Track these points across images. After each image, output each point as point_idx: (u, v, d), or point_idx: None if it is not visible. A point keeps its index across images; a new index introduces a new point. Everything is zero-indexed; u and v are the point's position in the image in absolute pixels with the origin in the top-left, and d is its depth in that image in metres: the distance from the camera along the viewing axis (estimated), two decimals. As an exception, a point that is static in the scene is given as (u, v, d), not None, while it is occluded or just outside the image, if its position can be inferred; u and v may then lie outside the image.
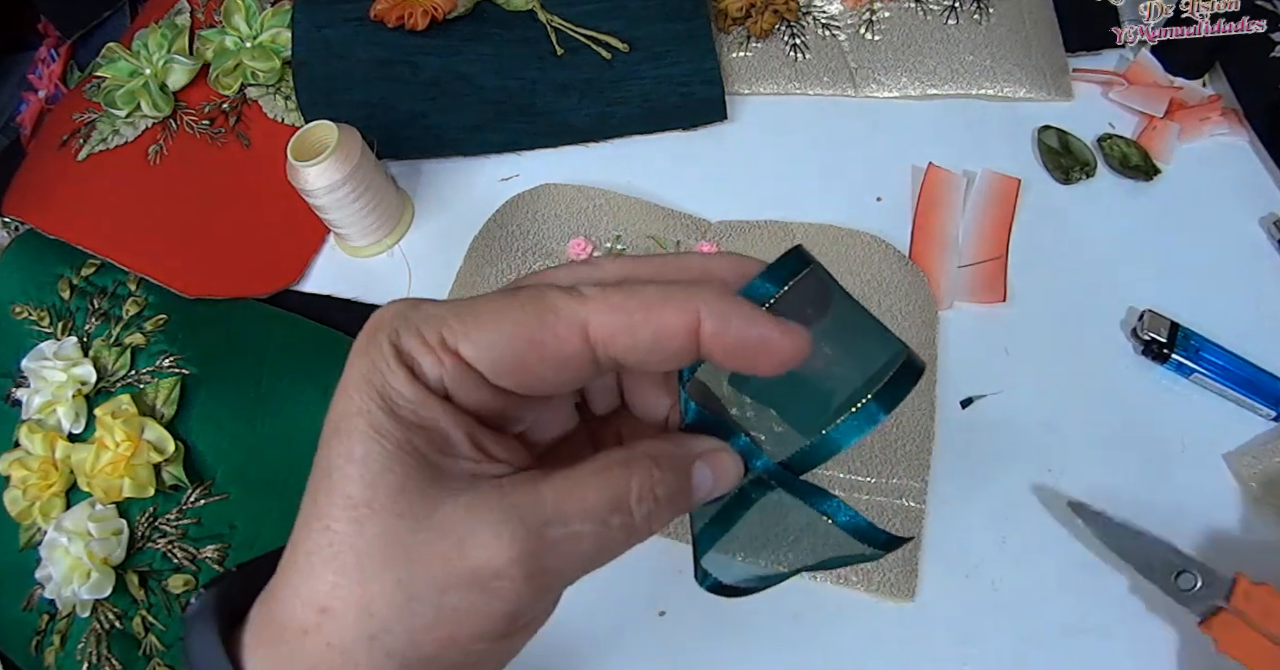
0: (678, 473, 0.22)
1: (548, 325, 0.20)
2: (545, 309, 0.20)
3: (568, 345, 0.20)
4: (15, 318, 0.57)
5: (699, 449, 0.23)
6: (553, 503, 0.20)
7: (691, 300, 0.20)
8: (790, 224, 0.54)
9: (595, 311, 0.20)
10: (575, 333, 0.20)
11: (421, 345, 0.20)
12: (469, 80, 0.61)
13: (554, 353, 0.20)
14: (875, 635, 0.44)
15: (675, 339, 0.20)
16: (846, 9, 0.61)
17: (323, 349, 0.53)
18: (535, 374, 0.21)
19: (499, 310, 0.20)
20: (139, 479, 0.49)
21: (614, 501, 0.21)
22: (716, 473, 0.22)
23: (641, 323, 0.20)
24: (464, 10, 0.62)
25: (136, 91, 0.61)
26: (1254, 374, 0.48)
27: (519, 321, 0.20)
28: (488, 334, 0.20)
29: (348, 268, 0.57)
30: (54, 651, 0.48)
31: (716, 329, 0.20)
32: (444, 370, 0.20)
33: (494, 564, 0.19)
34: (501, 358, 0.20)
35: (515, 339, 0.20)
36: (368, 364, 0.21)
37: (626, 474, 0.21)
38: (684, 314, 0.20)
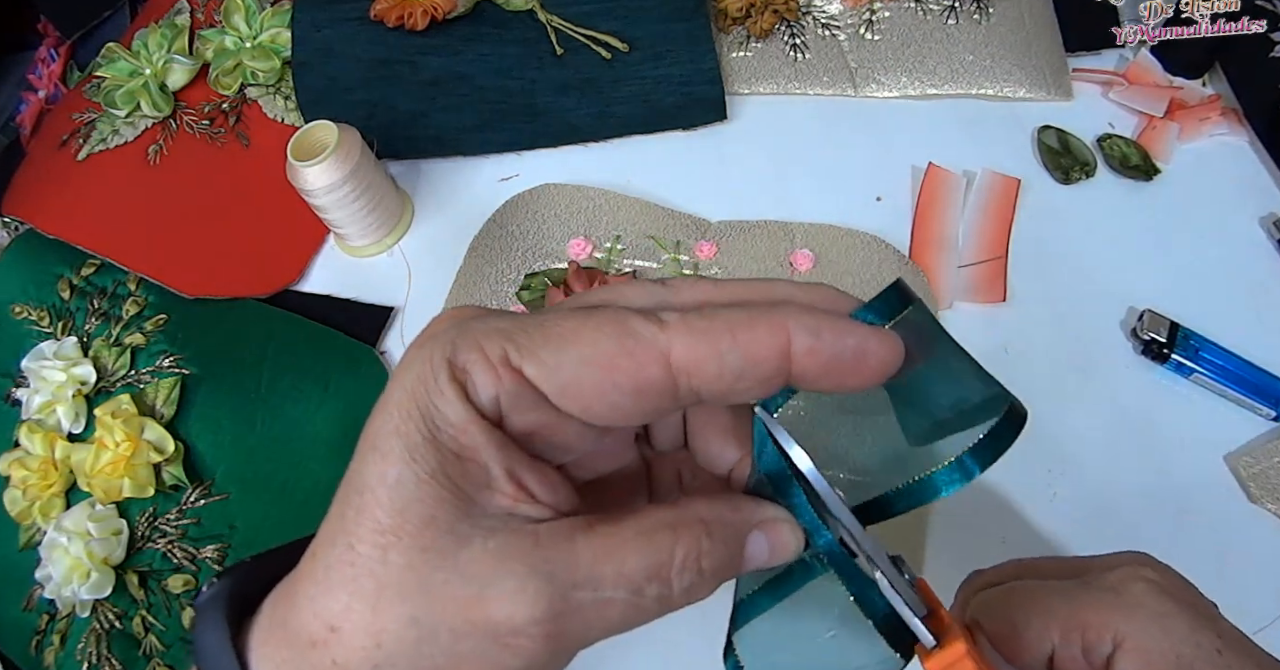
0: (730, 544, 0.20)
1: (627, 350, 0.19)
2: (626, 333, 0.19)
3: (648, 373, 0.19)
4: (15, 318, 0.57)
5: (758, 517, 0.21)
6: (587, 563, 0.19)
7: (781, 319, 0.19)
8: (790, 224, 0.54)
9: (679, 337, 0.19)
10: (657, 360, 0.19)
11: (481, 361, 0.19)
12: (469, 80, 0.61)
13: (632, 380, 0.19)
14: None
15: (766, 362, 0.19)
16: (846, 9, 0.61)
17: (322, 349, 0.53)
18: (608, 402, 0.19)
19: (573, 329, 0.19)
20: (139, 479, 0.49)
21: (653, 570, 0.19)
22: (774, 545, 0.21)
23: (729, 348, 0.19)
24: (464, 10, 0.62)
25: (136, 91, 0.61)
26: (1254, 374, 0.48)
27: (596, 343, 0.19)
28: (560, 354, 0.19)
29: (347, 268, 0.57)
30: (54, 651, 0.48)
31: (810, 345, 0.19)
32: (501, 388, 0.19)
33: (514, 621, 0.18)
34: (572, 380, 0.19)
35: (590, 362, 0.19)
36: (415, 379, 0.19)
37: (672, 541, 0.19)
38: (774, 334, 0.19)
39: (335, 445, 0.50)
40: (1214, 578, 0.43)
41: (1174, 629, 0.25)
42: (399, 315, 0.55)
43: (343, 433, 0.50)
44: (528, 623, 0.18)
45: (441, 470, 0.19)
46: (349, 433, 0.50)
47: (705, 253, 0.53)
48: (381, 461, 0.19)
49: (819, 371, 0.19)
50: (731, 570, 0.20)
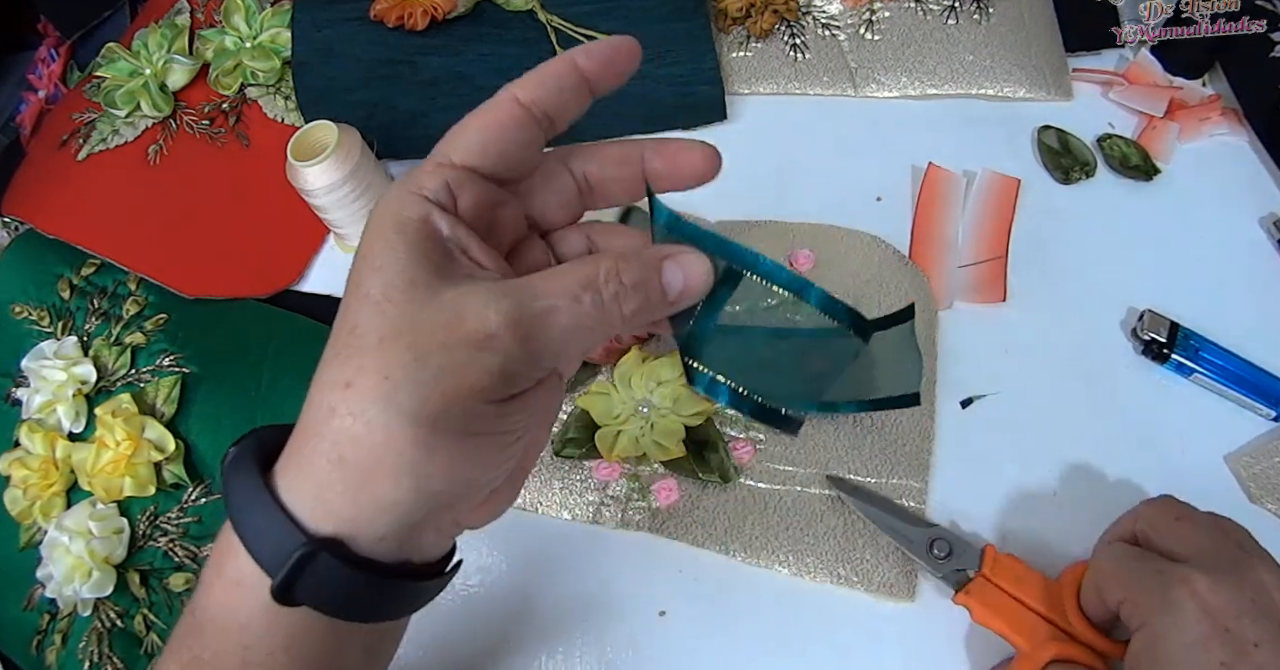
0: (643, 266, 0.26)
1: (492, 107, 0.27)
2: (491, 102, 0.27)
3: (507, 111, 0.27)
4: (15, 317, 0.57)
5: (667, 250, 0.27)
6: (534, 285, 0.25)
7: (567, 54, 0.28)
8: (790, 224, 0.54)
9: (520, 87, 0.28)
10: (510, 101, 0.27)
11: (425, 173, 0.26)
12: (469, 80, 0.61)
13: (503, 122, 0.27)
14: (875, 635, 0.44)
15: (566, 76, 0.28)
16: (846, 9, 0.61)
17: (322, 349, 0.53)
18: (501, 148, 0.27)
19: (463, 121, 0.27)
20: (139, 478, 0.49)
21: (584, 281, 0.25)
22: (686, 271, 0.27)
23: (546, 74, 0.28)
24: (464, 10, 0.62)
25: (136, 91, 0.61)
26: (1254, 374, 0.48)
27: (478, 117, 0.27)
28: (464, 137, 0.27)
29: (347, 267, 0.57)
30: (55, 651, 0.48)
31: (586, 50, 0.29)
32: (444, 176, 0.26)
33: (486, 326, 0.23)
34: (475, 144, 0.27)
35: (479, 128, 0.27)
36: (384, 208, 0.26)
37: (595, 262, 0.26)
38: (563, 60, 0.28)
39: (335, 445, 0.50)
40: (1213, 577, 0.43)
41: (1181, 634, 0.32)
42: (399, 315, 0.55)
43: (343, 432, 0.50)
44: (497, 326, 0.24)
45: (416, 249, 0.25)
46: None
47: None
48: (367, 261, 0.25)
49: (594, 66, 0.29)
50: (653, 289, 0.26)
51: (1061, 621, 0.40)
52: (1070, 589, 0.40)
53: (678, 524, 0.46)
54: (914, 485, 0.46)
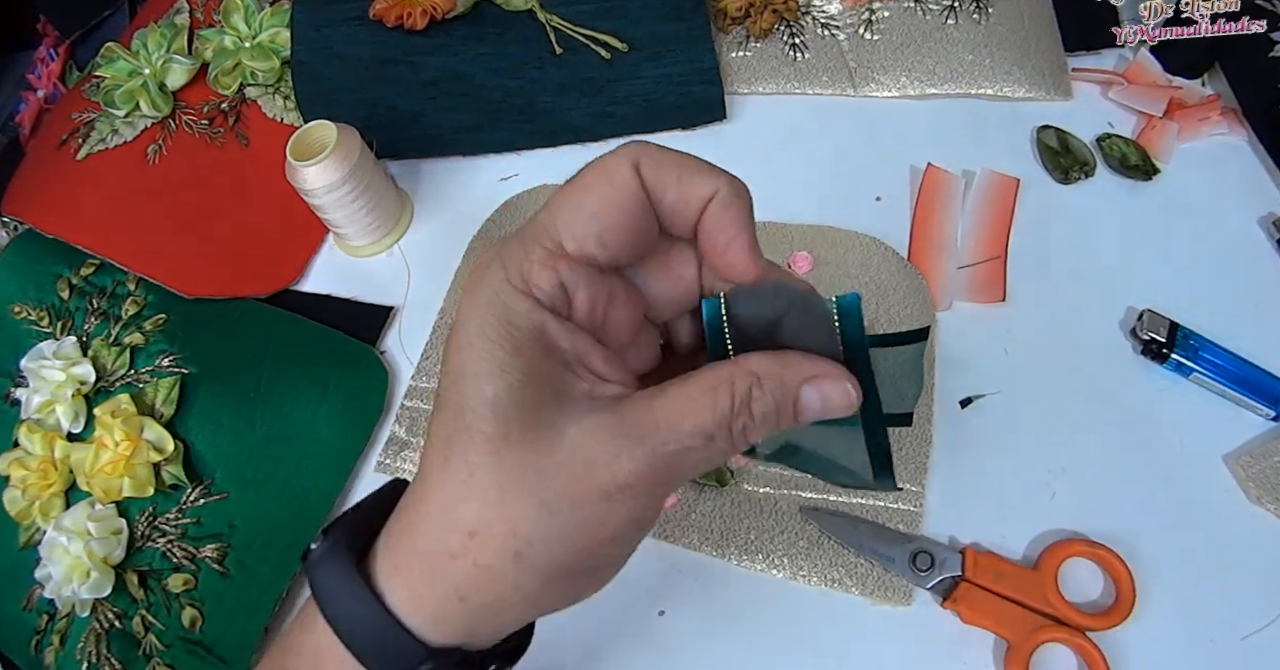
0: (777, 393, 0.24)
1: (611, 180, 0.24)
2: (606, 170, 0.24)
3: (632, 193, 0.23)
4: (14, 317, 0.57)
5: (810, 372, 0.24)
6: (666, 424, 0.23)
7: (715, 178, 0.25)
8: (789, 225, 0.54)
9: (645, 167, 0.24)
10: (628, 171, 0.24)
11: (534, 266, 0.23)
12: (468, 80, 0.61)
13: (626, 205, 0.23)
14: (873, 636, 0.44)
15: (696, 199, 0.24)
16: (846, 8, 0.61)
17: (322, 348, 0.53)
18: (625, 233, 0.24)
19: (576, 195, 0.24)
20: (138, 478, 0.49)
21: (719, 418, 0.23)
22: (826, 396, 0.24)
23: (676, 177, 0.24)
24: (463, 10, 0.62)
25: (135, 91, 0.61)
26: (1253, 374, 0.48)
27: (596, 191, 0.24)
28: (579, 221, 0.23)
29: (347, 267, 0.57)
30: (54, 651, 0.48)
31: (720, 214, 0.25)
32: (559, 274, 0.23)
33: (619, 479, 0.22)
34: (594, 232, 0.23)
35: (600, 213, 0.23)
36: (485, 305, 0.23)
37: (729, 391, 0.23)
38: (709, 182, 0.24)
39: (335, 444, 0.50)
40: (1213, 577, 0.43)
41: None
42: (398, 315, 0.55)
43: (342, 431, 0.50)
44: (630, 478, 0.22)
45: (530, 375, 0.22)
46: (348, 431, 0.50)
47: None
48: (475, 382, 0.23)
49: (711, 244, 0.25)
50: (783, 417, 0.24)
51: (1044, 605, 0.42)
52: (1050, 574, 0.42)
53: (674, 527, 0.46)
54: (910, 489, 0.46)
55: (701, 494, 0.47)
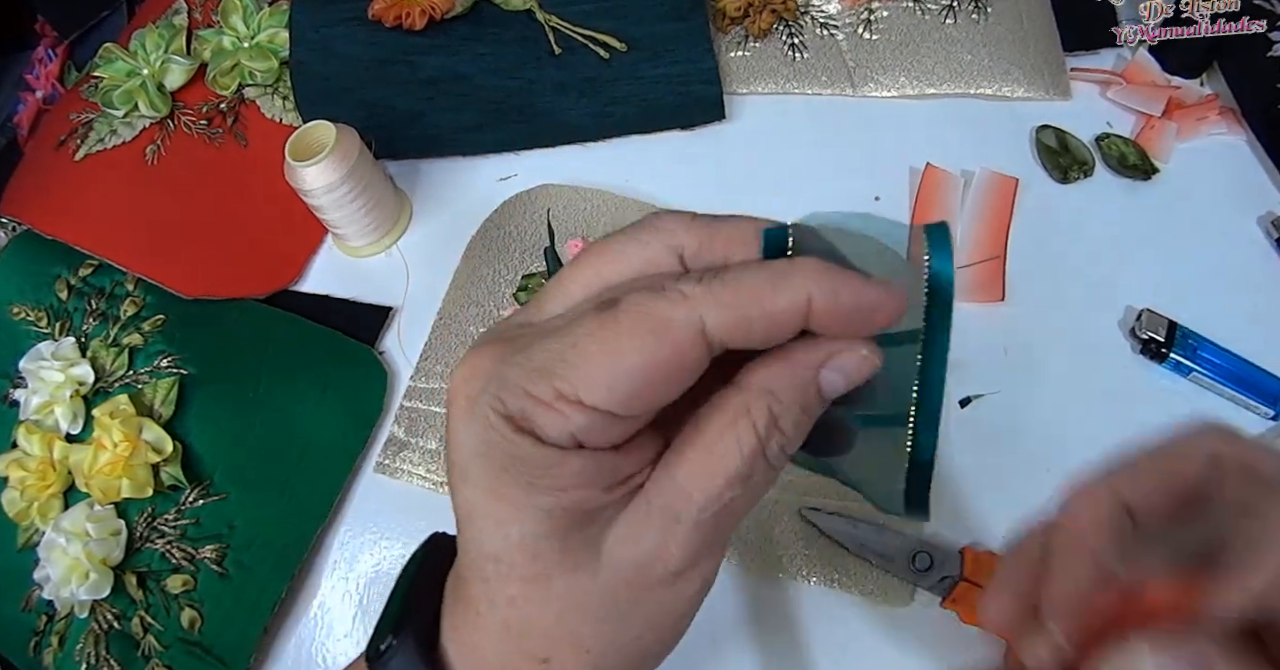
0: (801, 395, 0.21)
1: (666, 342, 0.19)
2: (658, 326, 0.19)
3: (691, 354, 0.20)
4: (13, 318, 0.57)
5: (819, 356, 0.21)
6: (698, 491, 0.21)
7: (802, 283, 0.20)
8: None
9: (708, 311, 0.19)
10: (694, 339, 0.19)
11: (536, 405, 0.20)
12: (467, 80, 0.61)
13: (679, 366, 0.20)
14: (873, 636, 0.44)
15: (789, 324, 0.20)
16: (844, 8, 0.61)
17: (321, 349, 0.53)
18: (664, 392, 0.20)
19: (611, 344, 0.19)
20: (137, 479, 0.49)
21: (751, 458, 0.21)
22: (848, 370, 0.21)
23: (758, 316, 0.20)
24: (462, 10, 0.62)
25: (134, 91, 0.60)
26: (1252, 373, 0.48)
27: (637, 349, 0.19)
28: (611, 375, 0.19)
29: (346, 268, 0.57)
30: (52, 652, 0.48)
31: (828, 305, 0.20)
32: (572, 425, 0.20)
33: (672, 567, 0.21)
34: (631, 390, 0.19)
35: (639, 369, 0.19)
36: (479, 441, 0.21)
37: (750, 425, 0.20)
38: (796, 299, 0.20)
39: (333, 445, 0.50)
40: (1212, 577, 0.43)
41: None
42: (397, 315, 0.55)
43: (341, 432, 0.50)
44: (683, 562, 0.21)
45: (552, 511, 0.21)
46: (347, 432, 0.50)
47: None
48: (497, 527, 0.21)
49: (834, 324, 0.20)
50: (816, 409, 0.22)
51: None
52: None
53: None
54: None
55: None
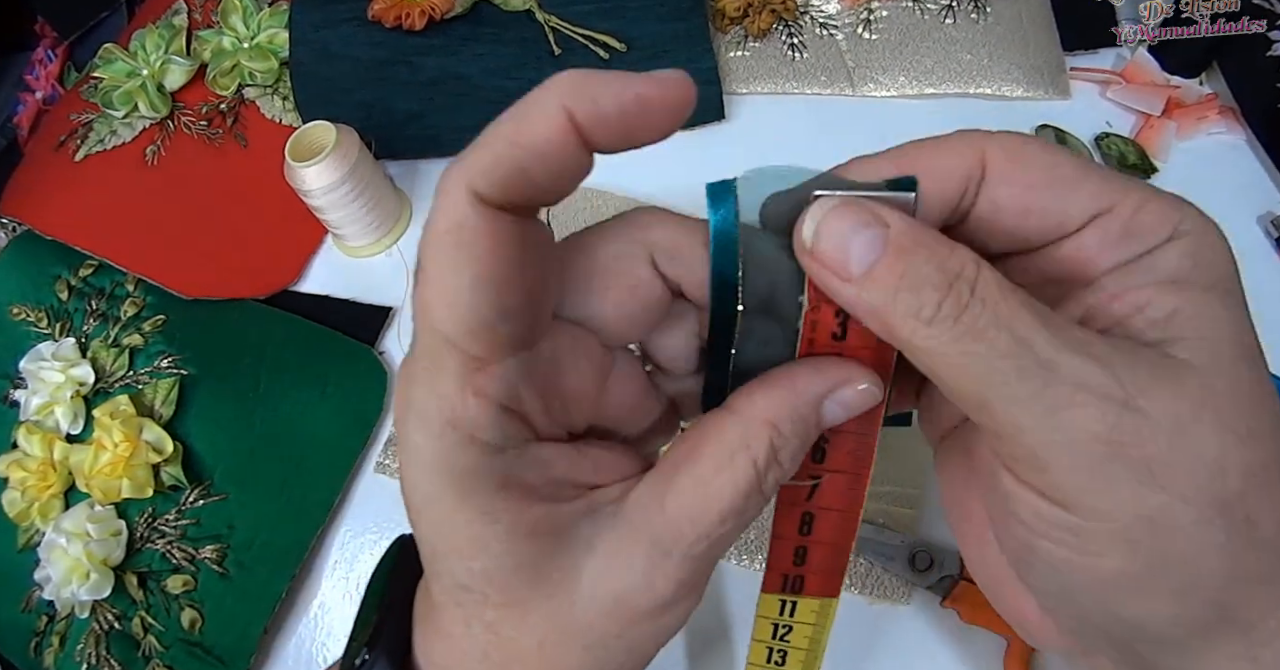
0: (804, 428, 0.20)
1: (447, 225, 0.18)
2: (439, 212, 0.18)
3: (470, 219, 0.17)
4: (13, 319, 0.57)
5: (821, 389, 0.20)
6: (690, 523, 0.20)
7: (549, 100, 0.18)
8: (788, 224, 0.54)
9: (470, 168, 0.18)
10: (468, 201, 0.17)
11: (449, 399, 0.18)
12: (467, 80, 0.61)
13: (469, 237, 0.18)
14: (873, 635, 0.44)
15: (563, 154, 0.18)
16: (844, 8, 0.61)
17: (321, 349, 0.53)
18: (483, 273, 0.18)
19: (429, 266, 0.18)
20: (137, 480, 0.49)
21: (747, 493, 0.20)
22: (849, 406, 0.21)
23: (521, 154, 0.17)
24: (461, 10, 0.62)
25: (134, 92, 0.60)
26: (1252, 373, 0.48)
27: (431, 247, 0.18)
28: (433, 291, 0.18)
29: (346, 268, 0.57)
30: (53, 653, 0.48)
31: (591, 116, 0.18)
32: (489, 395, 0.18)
33: (659, 599, 0.20)
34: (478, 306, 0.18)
35: (445, 271, 0.18)
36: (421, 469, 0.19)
37: (748, 459, 0.20)
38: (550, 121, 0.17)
39: (334, 445, 0.50)
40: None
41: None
42: (397, 315, 0.55)
43: (341, 432, 0.50)
44: (670, 595, 0.20)
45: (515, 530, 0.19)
46: (347, 432, 0.50)
47: (703, 253, 0.53)
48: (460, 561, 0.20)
49: (613, 137, 0.18)
50: (810, 441, 0.21)
51: None
52: None
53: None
54: (909, 492, 0.46)
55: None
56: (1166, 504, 0.18)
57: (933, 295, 0.18)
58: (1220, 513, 0.18)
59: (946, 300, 0.18)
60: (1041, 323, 0.18)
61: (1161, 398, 0.18)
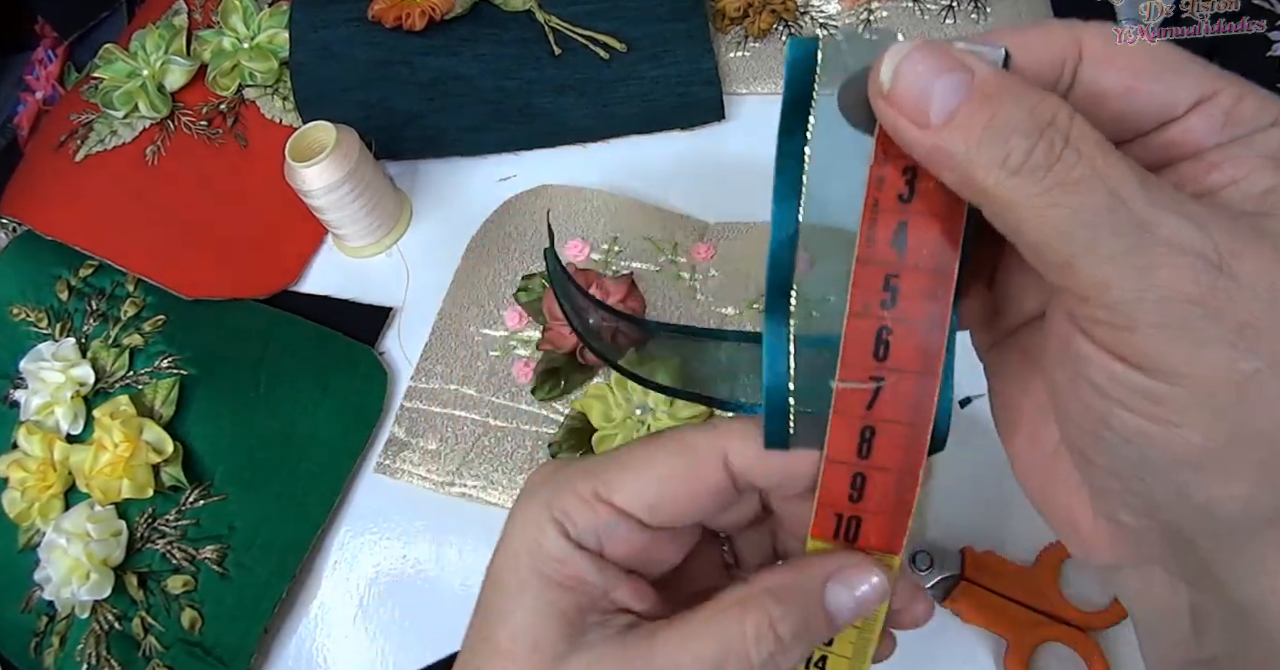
0: (802, 604, 0.21)
1: (690, 460, 0.22)
2: (687, 447, 0.22)
3: (713, 475, 0.22)
4: (13, 319, 0.57)
5: (828, 568, 0.21)
6: (664, 657, 0.21)
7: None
8: (788, 224, 0.54)
9: (731, 441, 0.22)
10: (716, 462, 0.22)
11: (577, 502, 0.22)
12: (467, 80, 0.61)
13: (701, 485, 0.22)
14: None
15: (807, 476, 0.21)
16: (844, 9, 0.61)
17: (321, 350, 0.53)
18: (688, 510, 0.22)
19: (647, 457, 0.22)
20: (138, 480, 0.49)
21: (726, 647, 0.20)
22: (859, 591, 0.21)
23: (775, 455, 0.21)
24: (462, 11, 0.62)
25: (134, 92, 0.60)
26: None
27: (666, 463, 0.22)
28: (640, 481, 0.22)
29: (346, 268, 0.57)
30: (53, 653, 0.48)
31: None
32: (598, 521, 0.22)
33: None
34: (655, 500, 0.22)
35: (665, 480, 0.22)
36: (522, 526, 0.23)
37: (740, 616, 0.21)
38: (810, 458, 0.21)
39: (334, 445, 0.50)
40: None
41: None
42: (397, 316, 0.55)
43: (341, 433, 0.50)
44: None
45: (552, 610, 0.22)
46: (348, 433, 0.50)
47: (702, 254, 0.53)
48: (501, 598, 0.22)
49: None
50: (819, 628, 0.21)
51: (1044, 604, 0.42)
52: (1049, 572, 0.42)
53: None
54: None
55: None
56: (1256, 371, 0.17)
57: (1022, 142, 0.17)
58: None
59: (1037, 148, 0.17)
60: (1138, 179, 0.17)
61: (1259, 265, 0.17)
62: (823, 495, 0.21)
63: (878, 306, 0.19)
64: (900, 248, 0.19)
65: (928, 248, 0.19)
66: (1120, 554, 0.22)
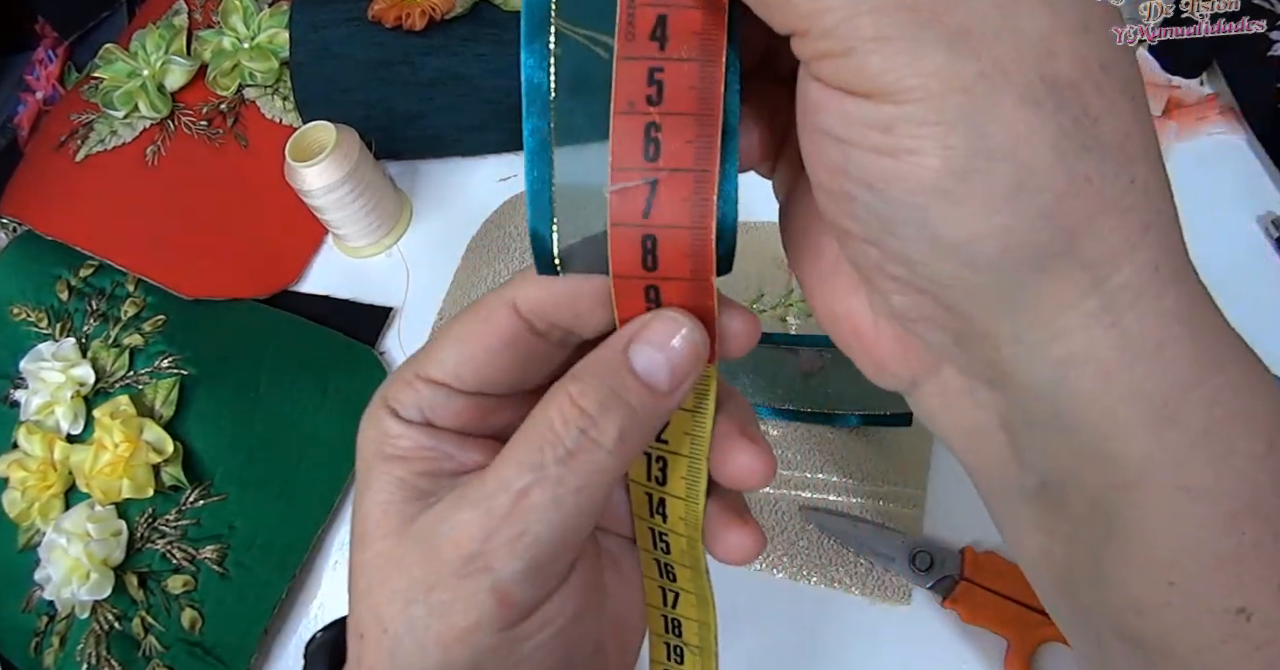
0: (605, 376, 0.20)
1: (482, 317, 0.21)
2: (481, 305, 0.22)
3: (504, 325, 0.21)
4: (13, 319, 0.57)
5: (629, 332, 0.20)
6: (491, 474, 0.20)
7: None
8: (788, 224, 0.54)
9: (517, 287, 0.21)
10: (506, 311, 0.21)
11: (402, 386, 0.22)
12: (467, 81, 0.61)
13: (496, 339, 0.21)
14: (873, 636, 0.44)
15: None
16: None
17: (321, 350, 0.53)
18: (492, 367, 0.22)
19: (453, 326, 0.22)
20: (138, 480, 0.49)
21: (540, 441, 0.19)
22: (666, 349, 0.19)
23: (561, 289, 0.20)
24: (462, 11, 0.62)
25: (134, 92, 0.61)
26: (1252, 373, 0.48)
27: (464, 325, 0.22)
28: (443, 350, 0.22)
29: (346, 268, 0.57)
30: (53, 653, 0.48)
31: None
32: (420, 397, 0.22)
33: (463, 550, 0.20)
34: (458, 362, 0.22)
35: (462, 339, 0.22)
36: (364, 428, 0.23)
37: (544, 408, 0.20)
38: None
39: (334, 445, 0.50)
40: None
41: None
42: (397, 315, 0.55)
43: (341, 433, 0.50)
44: (471, 543, 0.20)
45: (390, 477, 0.22)
46: (347, 433, 0.50)
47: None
48: (361, 498, 0.22)
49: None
50: (631, 397, 0.20)
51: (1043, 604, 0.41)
52: None
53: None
54: (910, 492, 0.46)
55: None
56: (983, 73, 0.16)
57: None
58: (1050, 94, 0.17)
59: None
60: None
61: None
62: (620, 314, 0.20)
63: (643, 103, 0.19)
64: (661, 41, 0.19)
65: (692, 39, 0.19)
66: (909, 361, 0.21)
